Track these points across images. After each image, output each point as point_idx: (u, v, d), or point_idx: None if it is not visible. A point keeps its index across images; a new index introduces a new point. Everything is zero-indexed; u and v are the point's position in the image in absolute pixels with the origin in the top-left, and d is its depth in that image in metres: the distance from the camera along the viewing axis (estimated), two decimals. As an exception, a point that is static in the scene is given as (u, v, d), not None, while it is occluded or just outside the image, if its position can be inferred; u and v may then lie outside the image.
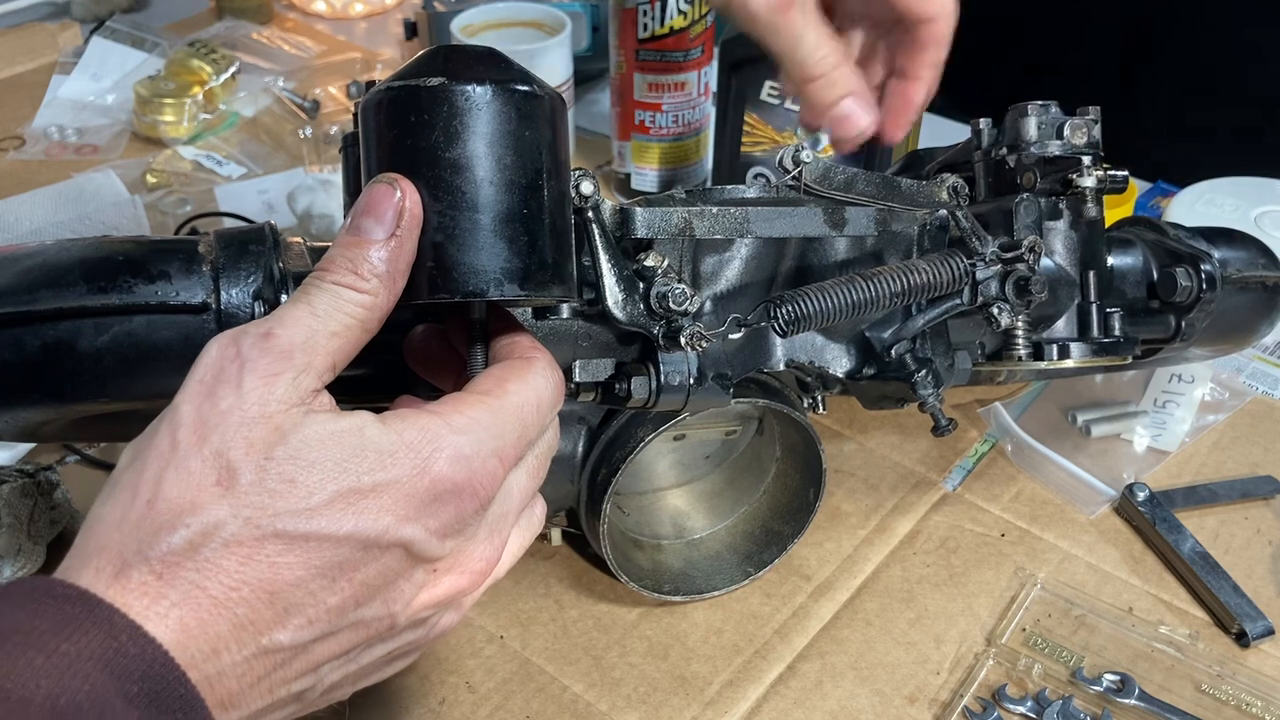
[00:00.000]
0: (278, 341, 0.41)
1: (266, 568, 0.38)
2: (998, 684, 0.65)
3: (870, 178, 0.58)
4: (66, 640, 0.35)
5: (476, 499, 0.42)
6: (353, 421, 0.40)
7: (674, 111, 1.04)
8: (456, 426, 0.42)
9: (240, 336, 0.41)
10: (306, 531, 0.38)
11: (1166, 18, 1.33)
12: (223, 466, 0.38)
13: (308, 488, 0.38)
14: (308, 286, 0.43)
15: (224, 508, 0.38)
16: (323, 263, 0.44)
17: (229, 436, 0.38)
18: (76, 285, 0.51)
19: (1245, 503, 0.79)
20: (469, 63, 0.45)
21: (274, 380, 0.40)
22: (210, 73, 1.22)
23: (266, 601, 0.38)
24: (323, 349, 0.42)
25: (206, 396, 0.39)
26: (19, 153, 1.18)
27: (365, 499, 0.39)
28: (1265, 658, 0.68)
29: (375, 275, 0.43)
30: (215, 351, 0.41)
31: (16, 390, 0.52)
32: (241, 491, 0.38)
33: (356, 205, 0.44)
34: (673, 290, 0.53)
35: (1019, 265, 0.58)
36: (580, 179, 0.52)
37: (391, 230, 0.43)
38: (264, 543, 0.38)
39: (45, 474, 0.73)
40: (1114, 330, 0.66)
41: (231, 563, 0.37)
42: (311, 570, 0.38)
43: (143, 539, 0.37)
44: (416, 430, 0.41)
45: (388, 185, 0.44)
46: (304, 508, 0.38)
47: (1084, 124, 0.65)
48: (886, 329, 0.62)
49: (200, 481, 0.38)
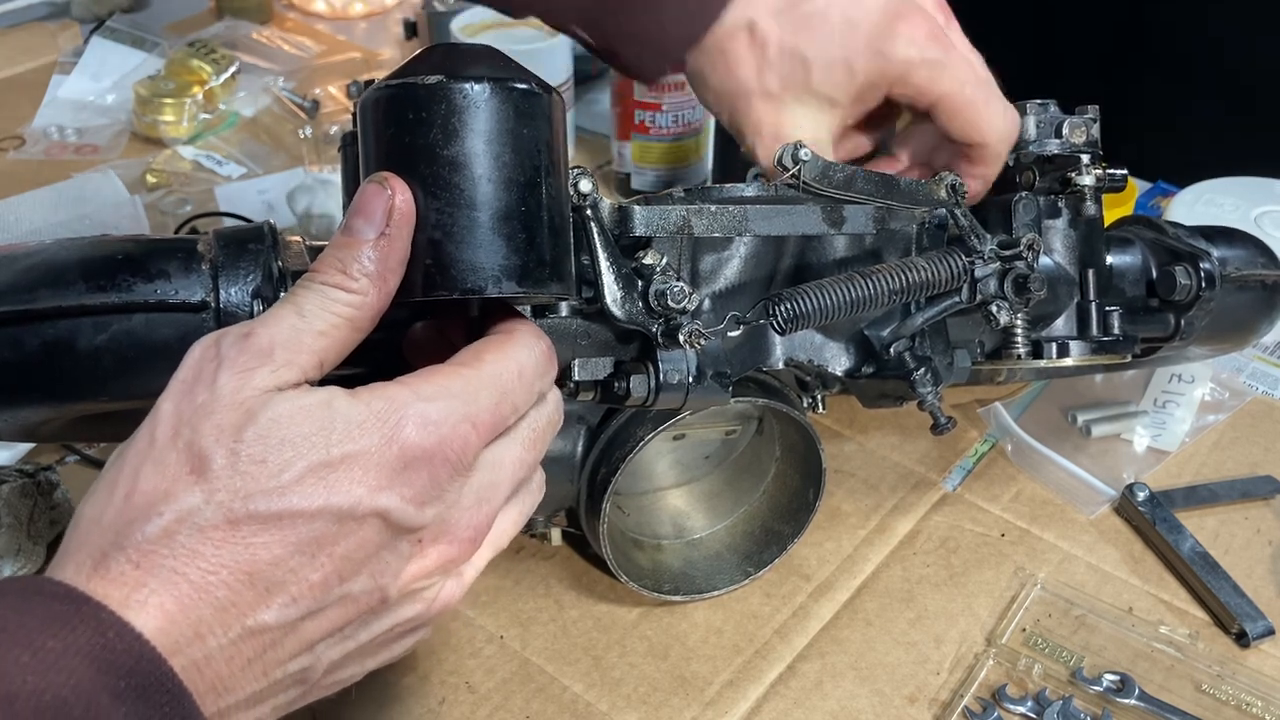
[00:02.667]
0: (257, 340, 0.41)
1: (243, 549, 0.38)
2: (998, 684, 0.65)
3: (869, 176, 0.58)
4: (53, 637, 0.35)
5: (449, 465, 0.42)
6: (320, 396, 0.41)
7: (674, 111, 1.04)
8: (424, 395, 0.42)
9: (222, 337, 0.42)
10: (279, 510, 0.38)
11: (1166, 17, 1.33)
12: (195, 455, 0.39)
13: (278, 465, 0.39)
14: (296, 288, 0.44)
15: (196, 494, 0.38)
16: (314, 264, 0.44)
17: (200, 426, 0.39)
18: (76, 284, 0.51)
19: (1245, 503, 0.79)
20: (467, 60, 0.45)
21: (249, 374, 0.40)
22: (210, 73, 1.22)
23: (246, 582, 0.38)
24: (308, 347, 0.42)
25: (185, 394, 0.40)
26: (19, 153, 1.18)
27: (335, 471, 0.39)
28: (1265, 658, 0.68)
29: (364, 274, 0.43)
30: (197, 352, 0.42)
31: (16, 389, 0.52)
32: (214, 476, 0.38)
33: (349, 206, 0.44)
34: (671, 288, 0.53)
35: (1018, 263, 0.58)
36: (579, 177, 0.52)
37: (381, 229, 0.43)
38: (238, 525, 0.38)
39: (45, 474, 0.73)
40: (1113, 329, 0.66)
41: (208, 547, 0.38)
42: (289, 548, 0.39)
43: (119, 530, 0.38)
44: (384, 400, 0.41)
45: (378, 185, 0.44)
46: (275, 486, 0.38)
47: (1083, 123, 0.65)
48: (885, 327, 0.62)
49: (175, 472, 0.39)
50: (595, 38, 0.65)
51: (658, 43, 0.63)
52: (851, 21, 0.62)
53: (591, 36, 0.65)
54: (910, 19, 0.62)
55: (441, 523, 0.42)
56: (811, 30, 0.62)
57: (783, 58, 0.63)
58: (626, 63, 0.66)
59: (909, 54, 0.62)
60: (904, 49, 0.62)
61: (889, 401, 0.66)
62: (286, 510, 0.39)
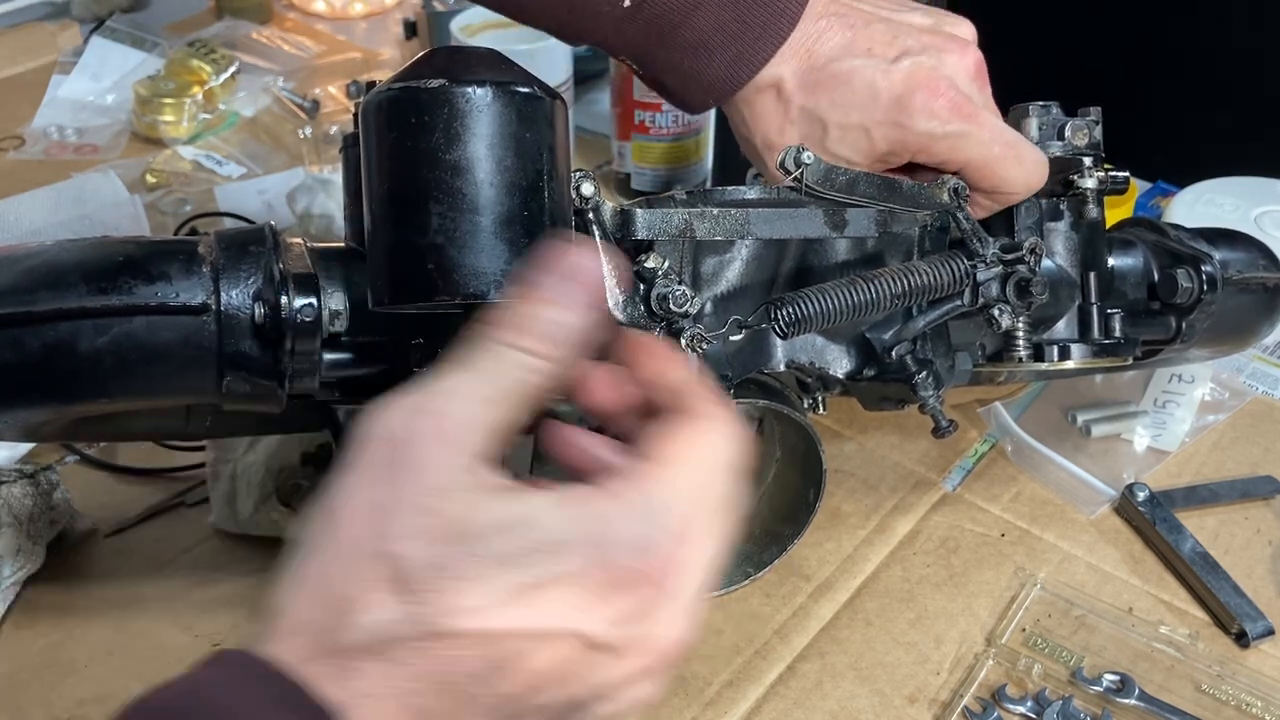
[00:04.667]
0: (450, 423, 0.39)
1: (439, 662, 0.38)
2: (998, 684, 0.65)
3: (871, 179, 0.58)
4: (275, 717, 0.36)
5: (656, 586, 0.40)
6: (525, 509, 0.39)
7: (674, 111, 1.04)
8: (636, 511, 0.40)
9: (412, 417, 0.39)
10: (477, 629, 0.38)
11: (1166, 17, 1.33)
12: (394, 566, 0.37)
13: (479, 584, 0.38)
14: (480, 349, 0.41)
15: (397, 608, 0.37)
16: (493, 320, 0.41)
17: (399, 533, 0.38)
18: (77, 286, 0.51)
19: (1245, 503, 0.79)
20: (469, 64, 0.45)
21: (441, 470, 0.38)
22: (210, 72, 1.22)
23: (443, 693, 0.38)
24: (490, 425, 0.40)
25: (380, 483, 0.39)
26: (19, 153, 1.18)
27: (538, 593, 0.38)
28: (1265, 658, 0.69)
29: (550, 340, 0.41)
30: (382, 430, 0.39)
31: (16, 391, 0.52)
32: (413, 590, 0.37)
33: (537, 264, 0.42)
34: (673, 292, 0.53)
35: (1020, 267, 0.58)
36: (581, 180, 0.52)
37: (572, 296, 0.41)
38: (437, 639, 0.37)
39: (45, 474, 0.73)
40: (1114, 331, 0.66)
41: (406, 657, 0.37)
42: (484, 663, 0.38)
43: (326, 631, 0.38)
44: (591, 518, 0.39)
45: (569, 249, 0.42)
46: (474, 606, 0.37)
47: (1085, 125, 0.65)
48: (887, 330, 0.62)
49: (374, 580, 0.38)
50: (643, 68, 0.66)
51: (702, 84, 0.64)
52: (874, 90, 0.62)
53: (640, 67, 0.66)
54: (931, 89, 0.61)
55: (644, 639, 0.41)
56: (832, 94, 0.62)
57: (803, 117, 0.63)
58: (671, 95, 0.67)
59: (929, 127, 0.61)
60: (923, 123, 0.61)
61: (890, 404, 0.66)
62: (484, 630, 0.38)
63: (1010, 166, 0.62)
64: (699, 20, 0.61)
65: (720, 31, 0.61)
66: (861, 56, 0.62)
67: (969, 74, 0.64)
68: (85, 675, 0.66)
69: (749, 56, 0.62)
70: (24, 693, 0.65)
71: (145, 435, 0.69)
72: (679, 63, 0.63)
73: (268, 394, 0.53)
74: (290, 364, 0.52)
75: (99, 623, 0.69)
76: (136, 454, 0.81)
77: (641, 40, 0.62)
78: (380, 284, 0.48)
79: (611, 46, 0.64)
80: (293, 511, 0.72)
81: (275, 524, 0.73)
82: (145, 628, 0.69)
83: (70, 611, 0.70)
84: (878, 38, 0.62)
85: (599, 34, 0.63)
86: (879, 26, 0.63)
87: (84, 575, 0.72)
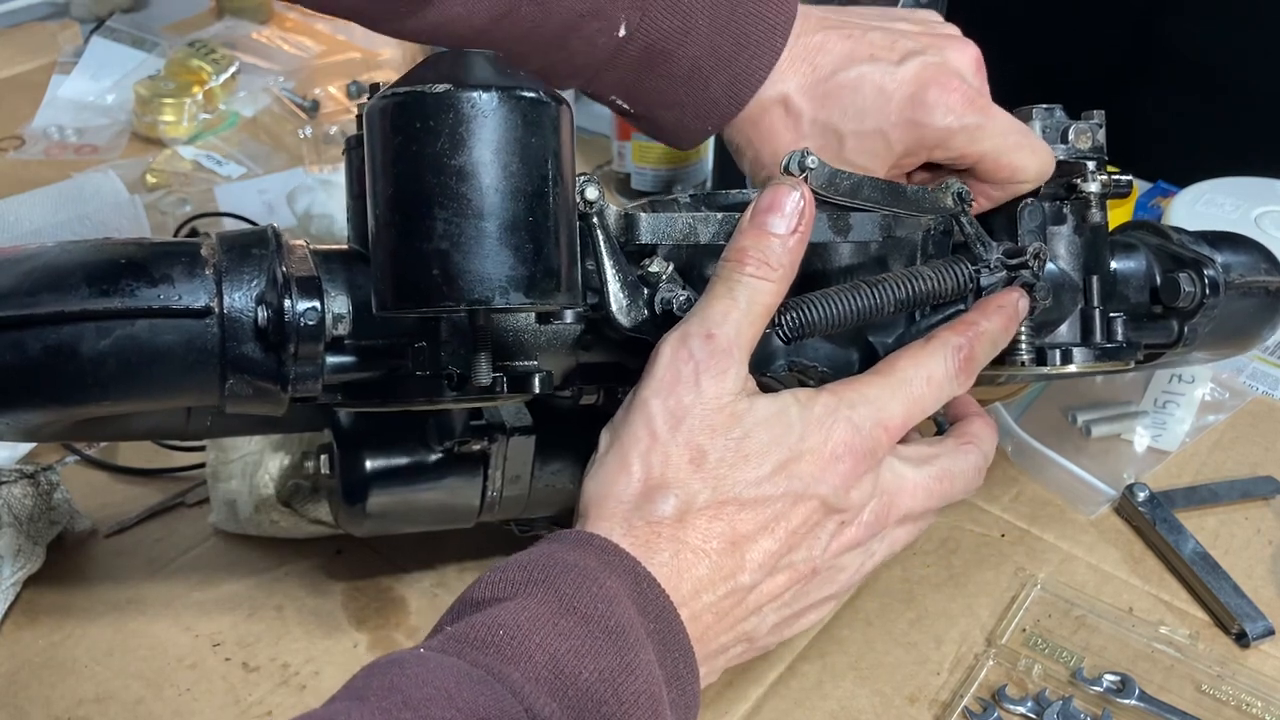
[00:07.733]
0: (719, 343, 0.50)
1: (728, 524, 0.49)
2: (998, 684, 0.66)
3: (875, 183, 0.58)
4: (610, 578, 0.46)
5: (864, 458, 0.52)
6: (780, 404, 0.51)
7: (674, 111, 1.03)
8: (848, 401, 0.52)
9: (688, 339, 0.51)
10: (756, 496, 0.50)
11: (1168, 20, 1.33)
12: (694, 450, 0.50)
13: (757, 461, 0.50)
14: (725, 279, 0.52)
15: (697, 482, 0.49)
16: (734, 254, 0.52)
17: (695, 425, 0.50)
18: (79, 288, 0.50)
19: (1245, 503, 0.79)
20: (475, 69, 0.45)
21: (723, 377, 0.50)
22: (210, 72, 1.22)
23: (730, 550, 0.49)
24: (749, 341, 0.52)
25: (670, 393, 0.50)
26: (19, 153, 1.18)
27: (793, 465, 0.51)
28: (1265, 658, 0.69)
29: (781, 266, 0.52)
30: (668, 353, 0.51)
31: (18, 393, 0.52)
32: (710, 468, 0.50)
33: (758, 203, 0.53)
34: (677, 296, 0.53)
35: (1023, 271, 0.58)
36: (585, 184, 0.52)
37: (793, 227, 0.52)
38: (726, 505, 0.50)
39: (45, 474, 0.73)
40: (1117, 335, 0.66)
41: (703, 521, 0.49)
42: (759, 524, 0.50)
43: (637, 505, 0.49)
44: (821, 406, 0.52)
45: (790, 187, 0.52)
46: (755, 478, 0.50)
47: (1088, 128, 0.64)
48: (890, 334, 0.62)
49: (678, 462, 0.49)
50: (635, 105, 0.65)
51: (699, 112, 0.64)
52: (884, 93, 0.61)
53: (631, 104, 0.65)
54: (943, 84, 0.61)
55: (858, 508, 0.53)
56: (843, 103, 0.62)
57: (816, 130, 0.63)
58: (665, 129, 0.66)
59: (947, 122, 0.61)
60: (940, 118, 0.61)
61: (892, 407, 0.66)
62: (761, 496, 0.50)
63: (1025, 155, 0.62)
64: (691, 47, 0.61)
65: (714, 55, 0.61)
66: (866, 63, 0.62)
67: (971, 68, 0.64)
68: (85, 675, 0.66)
69: (747, 75, 0.62)
70: (24, 693, 0.65)
71: (145, 435, 0.69)
72: (673, 93, 0.63)
73: (270, 397, 0.53)
74: (293, 367, 0.52)
75: (99, 623, 0.69)
76: (136, 454, 0.81)
77: (634, 73, 0.62)
78: (384, 289, 0.47)
79: (602, 83, 0.64)
80: (293, 511, 0.72)
81: (275, 524, 0.73)
82: (145, 628, 0.69)
83: (70, 611, 0.70)
84: (878, 43, 0.62)
85: (590, 70, 0.63)
86: (876, 34, 0.63)
87: (84, 575, 0.72)
